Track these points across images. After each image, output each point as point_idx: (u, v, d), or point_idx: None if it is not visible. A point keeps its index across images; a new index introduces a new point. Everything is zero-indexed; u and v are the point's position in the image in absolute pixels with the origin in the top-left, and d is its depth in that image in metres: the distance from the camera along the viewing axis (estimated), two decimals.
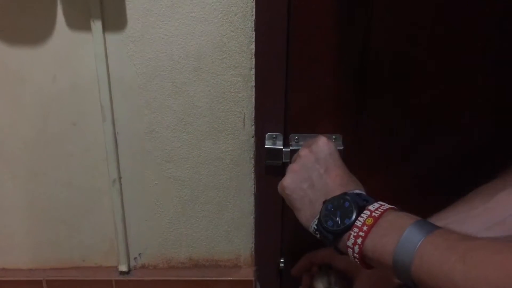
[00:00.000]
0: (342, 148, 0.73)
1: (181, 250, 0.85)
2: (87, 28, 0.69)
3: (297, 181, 0.61)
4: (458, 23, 0.68)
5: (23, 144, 0.77)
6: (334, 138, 0.74)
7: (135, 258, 0.86)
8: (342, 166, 0.61)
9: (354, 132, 0.75)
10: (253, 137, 0.76)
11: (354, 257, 0.52)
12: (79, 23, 0.69)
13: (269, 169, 0.77)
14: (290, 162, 0.65)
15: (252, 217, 0.83)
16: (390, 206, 0.53)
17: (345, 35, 0.69)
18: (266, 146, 0.75)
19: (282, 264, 0.84)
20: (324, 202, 0.57)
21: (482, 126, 0.74)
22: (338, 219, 0.54)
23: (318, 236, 0.57)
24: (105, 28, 0.69)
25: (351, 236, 0.52)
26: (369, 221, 0.51)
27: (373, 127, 0.75)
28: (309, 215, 0.59)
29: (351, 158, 0.74)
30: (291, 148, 0.74)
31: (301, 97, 0.73)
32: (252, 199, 0.81)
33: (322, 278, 0.73)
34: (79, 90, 0.74)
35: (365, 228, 0.51)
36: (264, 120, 0.74)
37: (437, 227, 0.47)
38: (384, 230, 0.50)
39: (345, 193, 0.56)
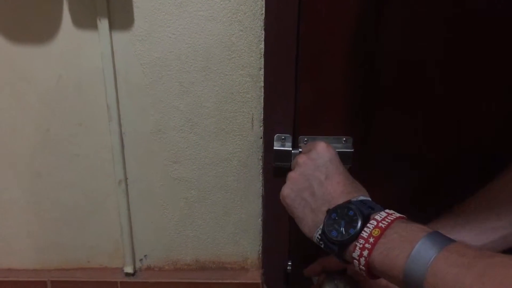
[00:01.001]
0: (352, 150, 0.72)
1: (187, 252, 0.84)
2: (93, 26, 0.68)
3: (297, 190, 0.59)
4: (473, 28, 0.66)
5: (28, 144, 0.76)
6: (345, 140, 0.72)
7: (140, 260, 0.85)
8: (343, 172, 0.59)
9: (364, 134, 0.73)
10: (261, 138, 0.75)
11: (360, 269, 0.50)
12: (85, 21, 0.68)
13: (278, 171, 0.75)
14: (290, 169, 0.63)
15: (259, 219, 0.81)
16: (398, 215, 0.51)
17: (356, 36, 0.67)
18: (274, 148, 0.73)
19: (289, 267, 0.83)
20: (327, 211, 0.55)
21: (493, 134, 0.72)
22: (342, 228, 0.52)
23: (322, 246, 0.55)
24: (111, 27, 0.68)
25: (357, 248, 0.50)
26: (376, 232, 0.49)
27: (384, 130, 0.73)
28: (311, 224, 0.57)
29: (360, 161, 0.73)
30: (300, 150, 0.73)
31: (310, 98, 0.71)
32: (260, 201, 0.80)
33: (329, 284, 0.71)
34: (85, 90, 0.72)
35: (371, 239, 0.49)
36: (273, 121, 0.73)
37: (451, 240, 0.45)
38: (393, 243, 0.47)
39: (349, 201, 0.54)
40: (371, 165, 0.74)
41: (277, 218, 0.80)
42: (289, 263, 0.83)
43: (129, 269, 0.84)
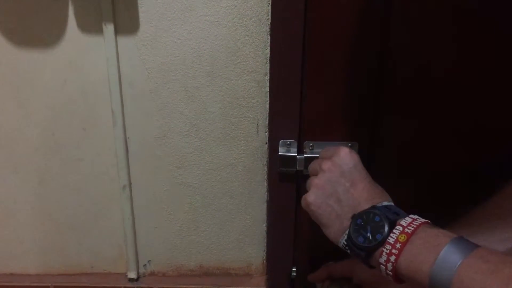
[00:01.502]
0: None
1: (191, 258, 0.84)
2: (99, 31, 0.68)
3: (322, 197, 0.59)
4: (484, 33, 0.66)
5: (32, 148, 0.76)
6: (350, 146, 0.72)
7: (144, 265, 0.84)
8: (367, 177, 0.59)
9: (369, 139, 0.73)
10: (266, 143, 0.75)
11: (387, 274, 0.50)
12: (90, 26, 0.68)
13: (283, 176, 0.75)
14: (308, 173, 0.63)
15: (264, 225, 0.81)
16: (423, 220, 0.51)
17: (363, 40, 0.67)
18: (279, 153, 0.73)
19: (294, 273, 0.82)
20: (352, 217, 0.55)
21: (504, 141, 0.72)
22: (369, 234, 0.52)
23: (349, 251, 0.56)
24: (117, 32, 0.68)
25: (384, 253, 0.50)
26: (402, 237, 0.49)
27: (389, 135, 0.73)
28: (337, 230, 0.57)
29: (366, 166, 0.72)
30: (305, 155, 0.72)
31: (316, 103, 0.71)
32: (264, 206, 0.79)
33: None
34: (89, 95, 0.72)
35: (398, 245, 0.49)
36: (278, 127, 0.73)
37: (475, 246, 0.45)
38: (419, 249, 0.48)
39: (374, 207, 0.54)
40: (377, 170, 0.74)
41: (281, 224, 0.79)
42: (294, 269, 0.83)
43: (132, 275, 0.83)
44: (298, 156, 0.72)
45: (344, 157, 0.59)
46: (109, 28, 0.67)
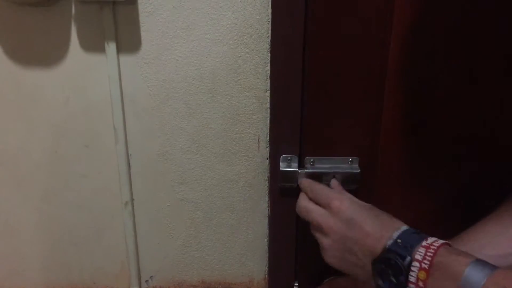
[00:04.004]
0: (359, 171, 0.72)
1: (193, 273, 0.84)
2: (101, 50, 0.69)
3: (338, 256, 0.60)
4: (486, 43, 0.67)
5: (35, 165, 0.76)
6: (351, 161, 0.72)
7: (146, 281, 0.84)
8: (368, 215, 0.60)
9: (371, 154, 0.73)
10: (267, 159, 0.75)
11: None
12: (93, 45, 0.69)
13: (284, 191, 0.75)
14: (311, 225, 0.65)
15: (266, 240, 0.81)
16: (437, 245, 0.51)
17: (363, 56, 0.67)
18: (281, 169, 0.73)
19: None
20: (372, 263, 0.56)
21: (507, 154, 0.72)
22: (392, 278, 0.53)
23: None
24: (119, 50, 0.69)
25: None
26: (422, 275, 0.50)
27: (391, 150, 0.73)
28: (367, 277, 0.58)
29: (367, 181, 0.73)
30: (306, 170, 0.73)
31: (316, 119, 0.71)
32: (266, 221, 0.80)
33: None
34: (92, 112, 0.73)
35: (420, 284, 0.50)
36: (279, 142, 0.73)
37: (494, 268, 0.46)
38: (440, 281, 0.49)
39: (385, 250, 0.54)
40: (378, 186, 0.74)
41: (283, 239, 0.79)
42: (296, 284, 0.82)
43: None
44: (299, 171, 0.73)
45: (338, 210, 0.61)
46: (111, 47, 0.68)
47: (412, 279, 0.51)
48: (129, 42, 0.69)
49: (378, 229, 0.57)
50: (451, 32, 0.67)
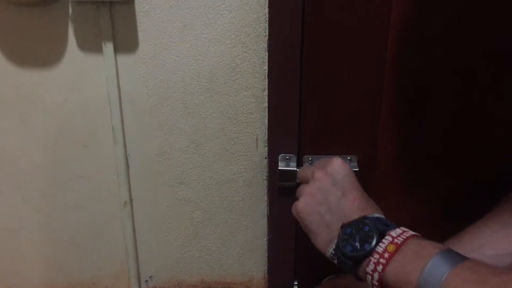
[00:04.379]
0: (357, 169, 0.71)
1: (193, 273, 0.84)
2: (98, 50, 0.69)
3: (313, 204, 0.59)
4: (485, 42, 0.66)
5: (34, 166, 0.76)
6: (349, 159, 0.72)
7: (146, 281, 0.84)
8: (359, 188, 0.59)
9: (369, 153, 0.73)
10: (266, 158, 0.75)
11: (373, 285, 0.50)
12: (90, 45, 0.69)
13: (282, 190, 0.75)
14: (300, 181, 0.63)
15: (265, 239, 0.81)
16: (413, 233, 0.51)
17: (361, 55, 0.67)
18: (279, 168, 0.73)
19: (295, 287, 0.82)
20: (342, 226, 0.55)
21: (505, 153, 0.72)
22: (357, 244, 0.52)
23: (336, 261, 0.55)
24: (116, 51, 0.69)
25: (371, 263, 0.50)
26: (391, 248, 0.49)
27: (389, 148, 0.73)
28: (326, 239, 0.57)
29: (366, 180, 0.73)
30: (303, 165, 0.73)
31: (315, 117, 0.71)
32: (265, 221, 0.80)
33: None
34: (90, 112, 0.73)
35: (386, 255, 0.49)
36: (277, 141, 0.73)
37: (464, 258, 0.45)
38: (407, 259, 0.48)
39: (364, 217, 0.54)
40: (377, 184, 0.74)
41: (282, 238, 0.79)
42: (295, 283, 0.82)
43: None
44: (298, 170, 0.73)
45: (337, 166, 0.60)
46: (108, 47, 0.68)
47: (379, 249, 0.50)
48: (127, 42, 0.69)
49: (364, 203, 0.57)
50: (449, 28, 0.66)
